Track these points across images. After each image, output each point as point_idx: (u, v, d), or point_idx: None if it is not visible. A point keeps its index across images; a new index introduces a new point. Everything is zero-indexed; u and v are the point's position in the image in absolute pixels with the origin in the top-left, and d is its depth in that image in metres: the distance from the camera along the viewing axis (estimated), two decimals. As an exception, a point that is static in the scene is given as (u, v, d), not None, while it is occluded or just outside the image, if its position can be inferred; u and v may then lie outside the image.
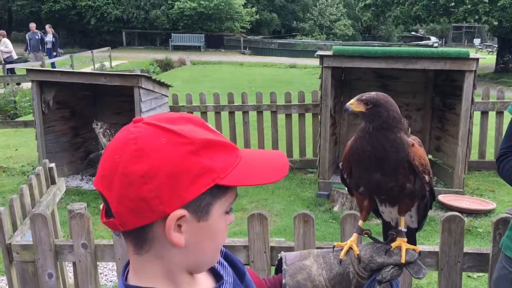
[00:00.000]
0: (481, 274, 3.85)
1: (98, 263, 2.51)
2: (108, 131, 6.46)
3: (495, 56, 20.32)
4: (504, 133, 1.69)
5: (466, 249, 2.16)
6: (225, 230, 0.88)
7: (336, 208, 5.42)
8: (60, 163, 6.38)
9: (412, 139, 1.17)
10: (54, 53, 16.48)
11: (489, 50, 29.69)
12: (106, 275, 4.22)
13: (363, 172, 1.18)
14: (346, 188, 4.45)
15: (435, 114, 6.67)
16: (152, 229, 0.81)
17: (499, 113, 6.70)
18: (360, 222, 1.28)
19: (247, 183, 0.84)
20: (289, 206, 5.65)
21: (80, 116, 7.05)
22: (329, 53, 5.62)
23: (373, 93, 1.17)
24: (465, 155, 5.51)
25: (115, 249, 2.38)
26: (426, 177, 1.16)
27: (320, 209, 5.54)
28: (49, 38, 16.44)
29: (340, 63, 5.65)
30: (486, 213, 5.25)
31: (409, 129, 1.21)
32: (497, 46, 22.88)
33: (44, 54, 16.06)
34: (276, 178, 0.86)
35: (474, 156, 6.72)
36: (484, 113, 6.73)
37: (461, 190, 5.57)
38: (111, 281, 4.11)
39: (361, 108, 1.16)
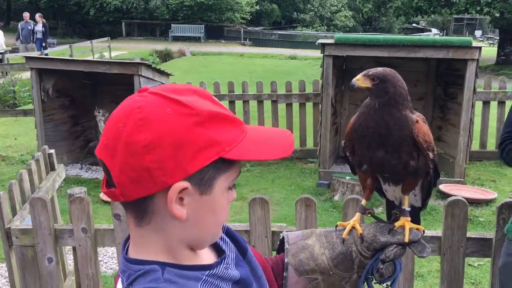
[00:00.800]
0: (481, 262, 3.85)
1: (98, 249, 2.49)
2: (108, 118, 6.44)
3: (496, 48, 20.24)
4: (505, 120, 1.70)
5: (469, 234, 2.14)
6: (227, 206, 0.87)
7: (336, 197, 5.40)
8: (59, 152, 6.35)
9: (417, 116, 1.14)
10: (44, 44, 16.05)
11: (490, 42, 29.61)
12: (106, 262, 4.21)
13: (366, 149, 1.15)
14: (346, 177, 4.43)
15: (437, 103, 6.64)
16: (153, 201, 0.79)
17: (501, 103, 6.67)
18: (364, 202, 1.26)
19: (252, 157, 0.82)
20: (290, 195, 5.64)
21: (80, 105, 7.02)
22: (331, 41, 5.58)
23: (380, 68, 1.14)
24: (466, 144, 5.48)
25: (115, 234, 2.36)
26: (430, 154, 1.13)
27: (320, 198, 5.52)
28: (38, 27, 15.92)
29: (342, 52, 5.61)
30: (487, 202, 5.24)
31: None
32: (498, 38, 22.80)
33: (33, 44, 15.71)
34: (281, 155, 0.84)
35: (475, 146, 6.70)
36: (486, 103, 6.70)
37: (462, 179, 5.55)
38: (111, 269, 4.10)
39: (367, 83, 1.13)
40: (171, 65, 19.07)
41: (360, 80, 1.14)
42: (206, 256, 0.91)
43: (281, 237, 1.22)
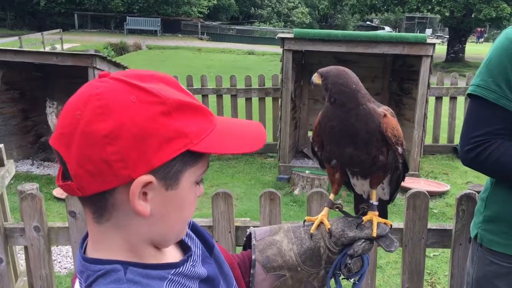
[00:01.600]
0: (437, 253, 3.96)
1: (52, 247, 2.37)
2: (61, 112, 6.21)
3: (446, 46, 20.98)
4: (466, 122, 1.54)
5: (430, 225, 2.17)
6: (193, 202, 0.81)
7: (296, 192, 5.43)
8: (9, 147, 6.06)
9: (384, 110, 1.12)
10: None
11: (440, 40, 30.63)
12: (59, 261, 4.05)
13: (335, 146, 1.13)
14: (306, 172, 4.45)
15: (393, 98, 6.79)
16: (114, 195, 0.73)
17: (453, 99, 6.90)
18: (331, 196, 1.23)
19: (221, 150, 0.77)
20: (250, 190, 5.62)
21: (30, 98, 6.72)
22: (291, 35, 5.58)
23: (330, 66, 1.14)
24: (420, 139, 5.64)
25: (70, 232, 2.26)
26: (399, 148, 1.12)
27: (280, 192, 5.49)
28: None
29: (301, 46, 5.63)
30: (441, 194, 5.40)
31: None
32: (448, 36, 23.64)
33: None
34: (252, 148, 0.79)
35: (428, 140, 6.90)
36: (438, 99, 6.91)
37: (417, 173, 5.70)
38: (65, 268, 3.94)
39: (319, 80, 1.13)
40: (126, 58, 18.64)
41: (316, 77, 1.14)
42: (171, 254, 0.86)
43: (248, 233, 1.18)
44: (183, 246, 0.90)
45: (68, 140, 0.70)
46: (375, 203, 1.17)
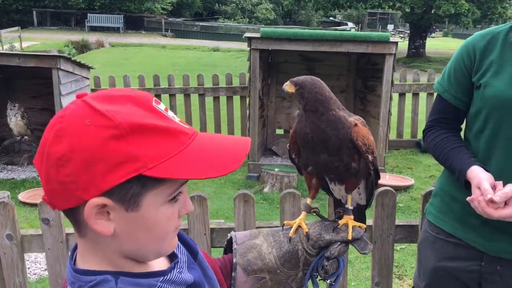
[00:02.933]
0: (403, 246, 4.10)
1: (24, 254, 2.35)
2: (25, 113, 6.06)
3: (407, 42, 21.48)
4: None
5: (398, 221, 2.26)
6: (168, 222, 0.80)
7: (266, 189, 5.49)
8: (-30, 151, 5.89)
9: (355, 119, 1.18)
10: None
11: (401, 36, 31.32)
12: (28, 267, 3.98)
13: (310, 153, 1.20)
14: (275, 170, 4.53)
15: (357, 96, 6.95)
16: (80, 213, 0.76)
17: (415, 95, 7.11)
18: (309, 200, 1.29)
19: (180, 175, 0.75)
20: (220, 189, 5.65)
21: (-9, 100, 6.53)
22: (257, 35, 5.63)
23: (304, 76, 1.21)
24: (385, 135, 5.80)
25: (44, 239, 2.24)
26: (370, 156, 1.18)
27: (250, 190, 5.58)
28: None
29: (268, 45, 5.68)
30: (406, 188, 5.58)
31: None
32: (409, 31, 24.20)
33: None
34: (218, 173, 0.77)
35: (392, 135, 7.09)
36: (402, 95, 7.11)
37: (382, 168, 5.87)
38: (34, 274, 3.88)
39: (292, 89, 1.19)
40: (89, 57, 18.26)
41: (288, 86, 1.21)
42: (158, 262, 0.89)
43: (229, 237, 1.23)
44: (163, 256, 0.93)
45: (40, 159, 0.76)
46: (350, 207, 1.24)
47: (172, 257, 0.93)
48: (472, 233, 1.62)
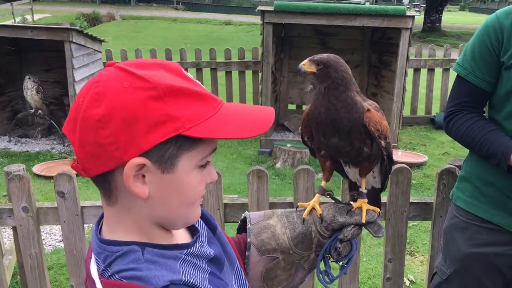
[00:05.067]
0: (415, 223, 4.09)
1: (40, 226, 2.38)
2: (41, 87, 6.07)
3: (422, 16, 21.05)
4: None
5: (412, 199, 2.25)
6: (198, 186, 0.82)
7: (278, 165, 5.49)
8: (-16, 124, 5.96)
9: (368, 104, 1.16)
10: None
11: (417, 9, 30.71)
12: (44, 239, 4.05)
13: (322, 136, 1.18)
14: (287, 145, 4.53)
15: (372, 71, 6.85)
16: (114, 177, 0.77)
17: (430, 70, 6.99)
18: (323, 183, 1.28)
19: (217, 135, 0.77)
20: (232, 164, 5.66)
21: (5, 73, 6.55)
22: (271, 8, 5.54)
23: (325, 54, 1.18)
24: (399, 111, 5.73)
25: (59, 212, 2.26)
26: (383, 142, 1.16)
27: (262, 166, 5.59)
28: None
29: (282, 19, 5.60)
30: (419, 165, 5.54)
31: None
32: (424, 5, 23.70)
33: None
34: (249, 134, 0.80)
35: (406, 112, 7.01)
36: (417, 70, 6.99)
37: (396, 144, 5.82)
38: (50, 245, 3.96)
39: (312, 68, 1.16)
40: (100, 29, 18.21)
41: (306, 65, 1.17)
42: (180, 235, 0.90)
43: (242, 217, 1.23)
44: (190, 227, 0.94)
45: (74, 125, 0.75)
46: (364, 191, 1.23)
47: (193, 231, 0.94)
48: (510, 218, 1.60)
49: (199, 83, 0.81)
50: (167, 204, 0.80)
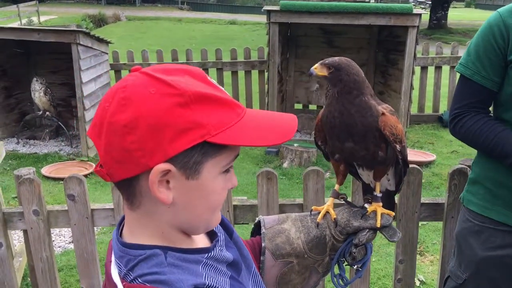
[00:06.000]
0: (424, 222, 4.07)
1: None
2: (48, 89, 6.10)
3: (428, 13, 20.94)
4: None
5: (423, 199, 2.23)
6: (221, 192, 0.83)
7: (285, 165, 5.48)
8: (-7, 126, 5.99)
9: (383, 108, 1.15)
10: None
11: (422, 6, 30.54)
12: (53, 240, 4.07)
13: (336, 141, 1.17)
14: (294, 145, 4.51)
15: (378, 69, 6.82)
16: (139, 183, 0.77)
17: (438, 68, 6.96)
18: (337, 187, 1.28)
19: (241, 142, 0.78)
20: (239, 164, 5.65)
21: (12, 76, 6.59)
22: (277, 8, 5.53)
23: (337, 58, 1.16)
24: (407, 109, 5.70)
25: (70, 215, 2.27)
26: (398, 146, 1.15)
27: (269, 166, 5.58)
28: None
29: (288, 19, 5.58)
30: (427, 164, 5.51)
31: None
32: (430, 2, 23.57)
33: None
34: (274, 141, 0.80)
35: (414, 110, 6.98)
36: (424, 68, 6.96)
37: (403, 143, 5.78)
38: (59, 247, 3.97)
39: (324, 72, 1.15)
40: (106, 31, 18.26)
41: (317, 69, 1.16)
42: (200, 240, 0.90)
43: (256, 221, 1.23)
44: (208, 231, 0.94)
45: (99, 130, 0.75)
46: (379, 194, 1.22)
47: (211, 235, 0.94)
48: None
49: (223, 88, 0.81)
50: (191, 209, 0.81)
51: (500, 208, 1.64)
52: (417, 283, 3.28)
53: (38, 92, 6.01)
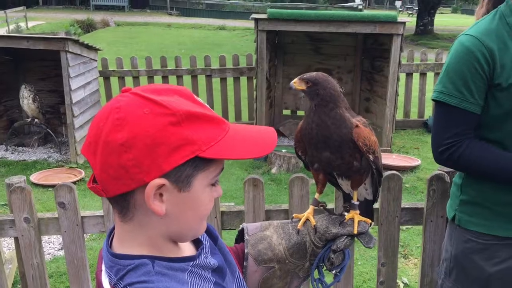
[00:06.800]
0: (409, 226, 4.16)
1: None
2: (37, 96, 6.11)
3: (415, 19, 21.19)
4: (435, 123, 1.69)
5: (403, 204, 2.31)
6: (209, 203, 0.89)
7: (274, 170, 5.55)
8: (-19, 134, 5.98)
9: (357, 120, 1.22)
10: None
11: (410, 12, 30.89)
12: (43, 247, 4.09)
13: (314, 150, 1.24)
14: (283, 151, 4.58)
15: (364, 76, 6.93)
16: (133, 197, 0.82)
17: (423, 75, 7.09)
18: (317, 195, 1.34)
19: (229, 156, 0.84)
20: (227, 170, 5.71)
21: (1, 83, 6.59)
22: (264, 16, 5.61)
23: (314, 73, 1.24)
24: (392, 115, 5.81)
25: (60, 222, 2.32)
26: (371, 156, 1.22)
27: (258, 171, 5.65)
28: None
29: (275, 27, 5.67)
30: (412, 169, 5.61)
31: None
32: (417, 8, 23.87)
33: None
34: (259, 154, 0.87)
35: (399, 115, 7.09)
36: (409, 75, 7.08)
37: (389, 148, 5.89)
38: (48, 254, 4.00)
39: (302, 86, 1.22)
40: (94, 36, 18.23)
41: (296, 83, 1.23)
42: (186, 248, 0.96)
43: (240, 228, 1.29)
44: (194, 239, 0.99)
45: (94, 149, 0.80)
46: (356, 202, 1.29)
47: (197, 243, 1.00)
48: None
49: (208, 106, 0.88)
50: (182, 220, 0.86)
51: (504, 224, 1.65)
52: (401, 285, 3.36)
53: (27, 99, 6.02)
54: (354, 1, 36.25)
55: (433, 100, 1.68)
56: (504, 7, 1.60)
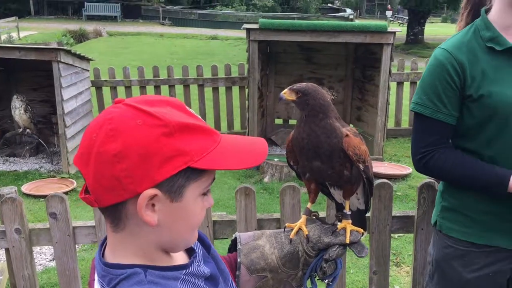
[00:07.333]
0: (401, 234, 4.18)
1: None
2: (29, 106, 6.09)
3: (405, 28, 21.40)
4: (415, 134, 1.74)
5: (394, 212, 2.34)
6: (200, 212, 0.90)
7: (266, 179, 5.56)
8: (-28, 144, 5.94)
9: (347, 130, 1.24)
10: None
11: (400, 22, 31.18)
12: (34, 258, 4.06)
13: (305, 160, 1.26)
14: (275, 159, 4.60)
15: (356, 85, 6.98)
16: (126, 207, 0.83)
17: (413, 83, 7.16)
18: (309, 205, 1.36)
19: (221, 166, 0.85)
20: (220, 179, 5.71)
21: (-8, 93, 6.57)
22: (256, 26, 5.65)
23: (304, 84, 1.26)
24: (383, 124, 5.85)
25: (52, 232, 2.31)
26: (361, 165, 1.24)
27: (250, 180, 5.66)
28: None
29: (266, 36, 5.71)
30: (404, 177, 5.65)
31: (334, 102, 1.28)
32: (407, 18, 24.11)
33: None
34: (250, 164, 0.88)
35: (390, 124, 7.14)
36: (400, 84, 7.15)
37: (381, 157, 5.93)
38: (40, 265, 3.97)
39: (292, 97, 1.25)
40: (87, 46, 18.23)
41: (287, 94, 1.26)
42: (179, 256, 0.97)
43: (233, 237, 1.29)
44: (187, 248, 1.00)
45: (87, 159, 0.81)
46: (348, 212, 1.30)
47: (190, 251, 1.00)
48: (508, 236, 1.65)
49: (200, 117, 0.89)
50: (174, 230, 0.87)
51: (481, 232, 1.68)
52: (394, 293, 3.37)
53: (19, 110, 6.01)
54: (345, 11, 36.62)
55: (410, 110, 1.75)
56: (479, 21, 1.66)
